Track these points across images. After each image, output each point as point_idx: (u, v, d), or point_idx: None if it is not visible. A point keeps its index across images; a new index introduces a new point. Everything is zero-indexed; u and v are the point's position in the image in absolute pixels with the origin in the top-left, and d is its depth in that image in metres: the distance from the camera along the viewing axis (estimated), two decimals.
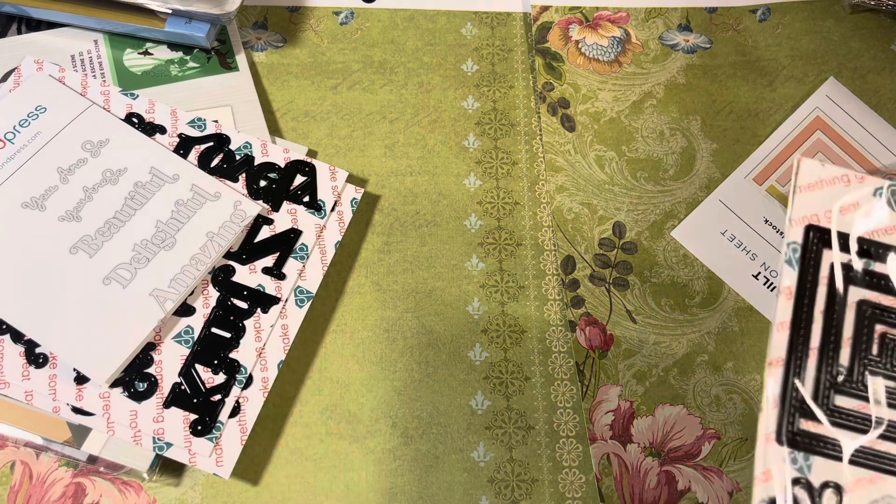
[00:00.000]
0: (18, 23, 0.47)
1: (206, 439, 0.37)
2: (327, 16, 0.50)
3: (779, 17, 0.51)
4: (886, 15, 0.51)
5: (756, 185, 0.46)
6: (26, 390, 0.37)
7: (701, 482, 0.40)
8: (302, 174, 0.43)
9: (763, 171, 0.47)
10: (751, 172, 0.47)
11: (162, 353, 0.38)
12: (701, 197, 0.46)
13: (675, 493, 0.40)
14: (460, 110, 0.48)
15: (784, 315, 0.32)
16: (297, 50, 0.49)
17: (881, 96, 0.49)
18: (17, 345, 0.37)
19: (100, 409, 0.37)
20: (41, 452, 0.39)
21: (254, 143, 0.43)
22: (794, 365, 0.32)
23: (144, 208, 0.40)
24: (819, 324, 0.32)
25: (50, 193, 0.40)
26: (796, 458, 0.31)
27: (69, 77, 0.43)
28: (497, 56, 0.50)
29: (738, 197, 0.46)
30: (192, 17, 0.45)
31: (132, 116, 0.42)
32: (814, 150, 0.47)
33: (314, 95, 0.48)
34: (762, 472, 0.30)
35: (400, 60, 0.49)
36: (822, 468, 0.31)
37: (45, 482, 0.39)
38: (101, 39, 0.46)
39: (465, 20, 0.50)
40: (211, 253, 0.40)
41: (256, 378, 0.39)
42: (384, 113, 0.48)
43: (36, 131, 0.41)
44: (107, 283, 0.38)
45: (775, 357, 0.31)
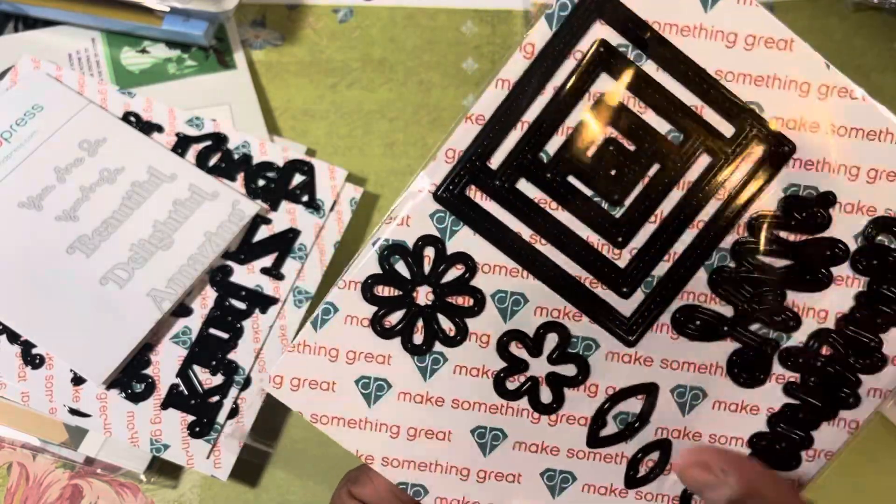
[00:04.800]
0: (15, 21, 0.46)
1: (204, 441, 0.37)
2: (326, 14, 0.49)
3: (781, 16, 0.50)
4: (890, 13, 0.51)
5: None
6: (23, 391, 0.37)
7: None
8: (301, 173, 0.43)
9: None
10: None
11: (159, 354, 0.38)
12: None
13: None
14: (460, 109, 0.48)
15: (511, 73, 0.28)
16: (295, 48, 0.48)
17: (884, 95, 0.48)
18: (14, 345, 0.37)
19: (97, 411, 0.37)
20: (38, 454, 0.39)
21: (252, 142, 0.43)
22: (497, 127, 0.28)
23: (142, 208, 0.40)
24: (546, 97, 0.28)
25: (47, 193, 0.39)
26: (443, 219, 0.28)
27: (66, 76, 0.43)
28: (497, 54, 0.49)
29: None
30: (190, 15, 0.44)
31: (130, 115, 0.42)
32: None
33: (313, 94, 0.47)
34: (399, 216, 0.28)
35: (399, 59, 0.49)
36: (462, 240, 0.29)
37: (41, 484, 0.39)
38: (98, 38, 0.46)
39: (465, 18, 0.50)
40: (209, 253, 0.39)
41: (255, 379, 0.39)
42: (384, 112, 0.47)
43: (33, 130, 0.40)
44: (104, 283, 0.38)
45: (480, 113, 0.28)
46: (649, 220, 0.29)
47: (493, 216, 0.29)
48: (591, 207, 0.29)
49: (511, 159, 0.28)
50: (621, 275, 0.29)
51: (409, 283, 0.29)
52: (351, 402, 0.29)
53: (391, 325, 0.29)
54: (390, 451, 0.30)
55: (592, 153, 0.28)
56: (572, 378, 0.29)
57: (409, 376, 0.29)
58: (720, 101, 0.28)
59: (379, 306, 0.29)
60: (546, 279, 0.29)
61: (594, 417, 0.30)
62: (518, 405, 0.30)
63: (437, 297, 0.29)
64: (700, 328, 0.29)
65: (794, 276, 0.29)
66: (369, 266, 0.29)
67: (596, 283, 0.29)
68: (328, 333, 0.29)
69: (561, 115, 0.28)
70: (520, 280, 0.29)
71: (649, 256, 0.29)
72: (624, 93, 0.28)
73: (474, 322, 0.29)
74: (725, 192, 0.28)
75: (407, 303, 0.29)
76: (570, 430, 0.30)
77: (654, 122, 0.28)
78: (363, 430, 0.30)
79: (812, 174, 0.28)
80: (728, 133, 0.28)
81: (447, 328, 0.29)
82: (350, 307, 0.29)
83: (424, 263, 0.29)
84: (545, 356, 0.29)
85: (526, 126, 0.28)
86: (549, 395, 0.29)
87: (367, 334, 0.29)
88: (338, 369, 0.29)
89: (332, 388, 0.29)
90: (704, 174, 0.28)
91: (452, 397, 0.29)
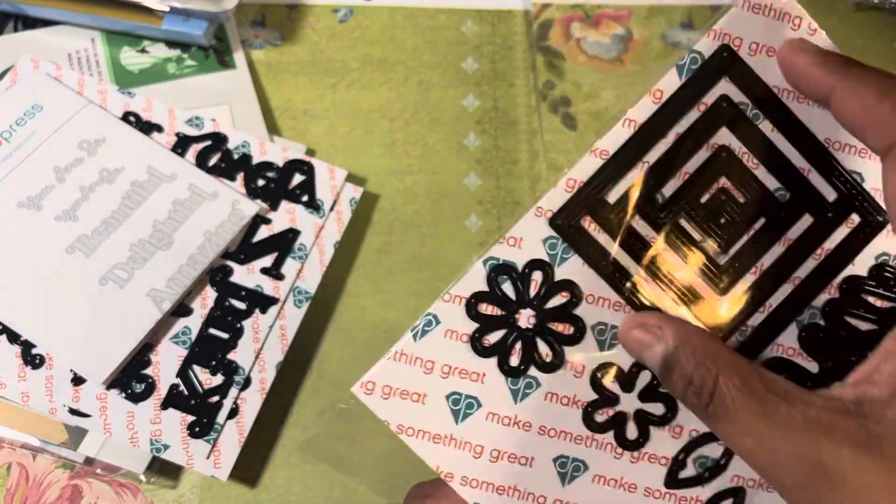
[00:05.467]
0: (14, 21, 0.46)
1: (204, 441, 0.37)
2: (326, 13, 0.49)
3: None
4: (890, 13, 0.51)
5: None
6: (23, 391, 0.37)
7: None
8: (300, 173, 0.43)
9: None
10: None
11: (159, 354, 0.38)
12: None
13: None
14: (460, 109, 0.48)
15: (640, 115, 0.29)
16: (295, 48, 0.48)
17: None
18: (14, 345, 0.37)
19: (97, 411, 0.37)
20: (38, 454, 0.39)
21: (252, 142, 0.43)
22: (617, 164, 0.29)
23: (141, 208, 0.40)
24: (667, 142, 0.29)
25: (46, 193, 0.39)
26: (555, 246, 0.29)
27: (66, 75, 0.43)
28: (498, 54, 0.49)
29: None
30: (190, 15, 0.44)
31: (129, 115, 0.42)
32: None
33: (313, 94, 0.47)
34: (512, 237, 0.29)
35: (399, 58, 0.49)
36: (570, 268, 0.29)
37: (41, 484, 0.39)
38: (98, 37, 0.46)
39: (465, 18, 0.50)
40: (208, 253, 0.39)
41: (255, 379, 0.39)
42: (383, 111, 0.47)
43: (32, 130, 0.40)
44: (104, 283, 0.38)
45: (604, 148, 0.29)
46: (750, 271, 0.30)
47: (605, 248, 0.29)
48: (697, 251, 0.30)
49: (628, 196, 0.29)
50: (719, 321, 0.30)
51: (514, 304, 0.29)
52: (439, 417, 0.29)
53: (490, 344, 0.29)
54: (471, 470, 0.29)
55: (705, 200, 0.30)
56: (660, 417, 0.30)
57: (500, 397, 0.29)
58: (826, 168, 0.30)
59: (481, 324, 0.29)
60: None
61: (675, 458, 0.30)
62: (603, 438, 0.30)
63: (538, 321, 0.29)
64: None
65: (877, 340, 0.30)
66: (476, 283, 0.29)
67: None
68: (427, 345, 0.29)
69: (680, 160, 0.29)
70: (622, 314, 0.29)
71: (747, 305, 0.30)
72: (740, 147, 0.30)
73: (572, 351, 0.29)
74: (823, 252, 0.30)
75: (509, 324, 0.29)
76: (650, 468, 0.30)
77: (764, 178, 0.30)
78: (447, 446, 0.29)
79: None
80: (830, 197, 0.30)
81: (544, 353, 0.29)
82: (452, 321, 0.29)
83: (531, 287, 0.29)
84: (636, 392, 0.30)
85: (646, 167, 0.29)
86: (634, 431, 0.30)
87: (465, 350, 0.29)
88: (431, 382, 0.29)
89: (423, 401, 0.29)
90: (805, 233, 0.30)
91: (540, 423, 0.30)
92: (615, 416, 0.30)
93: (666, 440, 0.30)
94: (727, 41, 0.29)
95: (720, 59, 0.29)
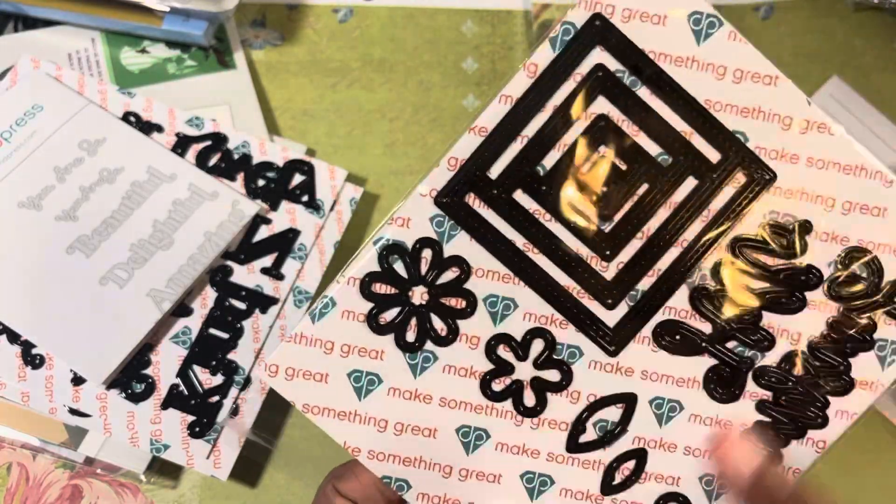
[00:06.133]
0: (15, 21, 0.46)
1: (204, 441, 0.37)
2: (326, 13, 0.49)
3: (781, 16, 0.51)
4: (890, 13, 0.51)
5: None
6: (23, 391, 0.37)
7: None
8: (300, 173, 0.43)
9: None
10: None
11: (159, 354, 0.38)
12: None
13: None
14: (460, 109, 0.48)
15: (514, 90, 0.29)
16: (295, 48, 0.48)
17: (884, 95, 0.48)
18: (14, 346, 0.37)
19: (97, 411, 0.37)
20: (38, 454, 0.39)
21: (252, 142, 0.43)
22: (498, 139, 0.29)
23: (142, 208, 0.40)
24: (545, 114, 0.29)
25: (46, 193, 0.39)
26: (442, 224, 0.30)
27: (66, 76, 0.43)
28: (497, 54, 0.49)
29: None
30: (190, 15, 0.44)
31: (129, 115, 0.42)
32: None
33: (313, 94, 0.47)
34: (400, 217, 0.29)
35: (399, 59, 0.49)
36: (458, 244, 0.30)
37: (41, 484, 0.39)
38: (98, 37, 0.46)
39: (465, 18, 0.50)
40: (209, 253, 0.39)
41: (255, 379, 0.39)
42: (383, 111, 0.47)
43: (32, 130, 0.40)
44: (104, 283, 0.38)
45: (483, 125, 0.29)
46: (636, 237, 0.30)
47: (490, 223, 0.30)
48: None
49: (509, 171, 0.30)
50: (607, 287, 0.30)
51: (406, 283, 0.30)
52: (342, 395, 0.30)
53: (386, 322, 0.30)
54: (377, 444, 0.30)
55: (586, 170, 0.30)
56: (556, 383, 0.30)
57: (400, 372, 0.30)
58: (708, 129, 0.30)
59: (375, 303, 0.30)
60: (536, 287, 0.30)
61: (574, 423, 0.31)
62: (502, 407, 0.31)
63: (431, 297, 0.30)
64: (679, 343, 0.30)
65: (771, 298, 0.30)
66: (369, 264, 0.30)
67: (583, 293, 0.30)
68: (325, 326, 0.30)
69: (558, 132, 0.30)
70: (511, 286, 0.30)
71: (635, 271, 0.30)
72: (618, 115, 0.30)
73: (465, 324, 0.30)
74: (709, 214, 0.30)
75: (402, 301, 0.30)
76: (551, 434, 0.31)
77: (645, 144, 0.30)
78: (352, 422, 0.30)
79: (791, 202, 0.30)
80: (714, 159, 0.30)
81: (439, 328, 0.30)
82: (348, 302, 0.30)
83: (422, 264, 0.30)
84: (531, 361, 0.30)
85: (525, 140, 0.30)
86: (532, 398, 0.30)
87: (363, 329, 0.30)
88: (332, 362, 0.30)
89: (325, 380, 0.30)
90: (690, 196, 0.30)
91: (440, 396, 0.30)
92: (512, 385, 0.30)
93: (564, 406, 0.31)
94: (599, 9, 0.29)
95: (592, 28, 0.29)
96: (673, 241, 0.30)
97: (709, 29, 0.30)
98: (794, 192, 0.30)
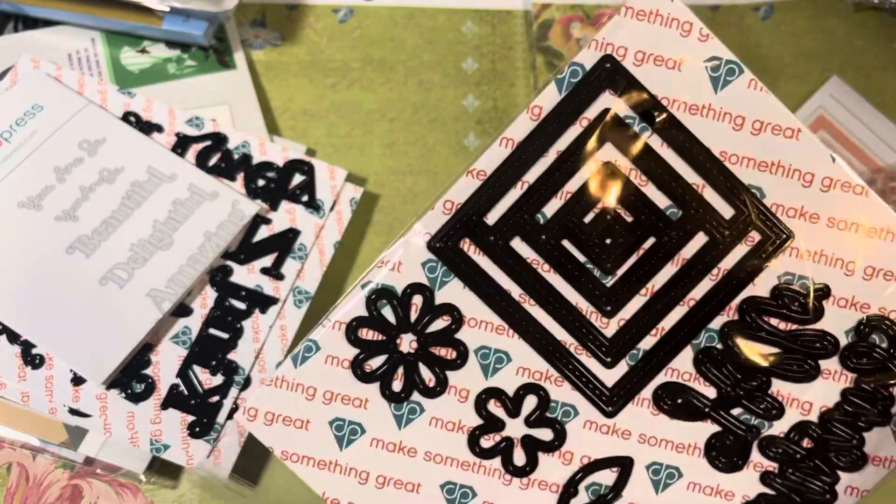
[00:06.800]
0: (15, 21, 0.46)
1: (204, 441, 0.37)
2: (326, 13, 0.49)
3: (781, 16, 0.51)
4: (890, 13, 0.51)
5: None
6: (23, 391, 0.37)
7: None
8: (300, 173, 0.43)
9: None
10: None
11: (159, 355, 0.38)
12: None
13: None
14: (460, 109, 0.48)
15: (518, 133, 0.28)
16: (295, 48, 0.48)
17: (885, 95, 0.48)
18: (14, 345, 0.37)
19: (97, 411, 0.37)
20: (38, 454, 0.39)
21: (252, 142, 0.43)
22: (497, 184, 0.28)
23: (141, 208, 0.40)
24: (548, 160, 0.28)
25: (46, 193, 0.39)
26: (435, 269, 0.28)
27: (66, 75, 0.43)
28: (498, 54, 0.49)
29: None
30: (190, 15, 0.44)
31: (129, 115, 0.42)
32: None
33: (313, 94, 0.47)
34: (390, 261, 0.28)
35: (399, 59, 0.49)
36: (451, 291, 0.28)
37: (41, 484, 0.39)
38: (98, 37, 0.46)
39: (465, 18, 0.50)
40: (208, 253, 0.39)
41: (255, 379, 0.39)
42: (383, 111, 0.47)
43: (32, 130, 0.40)
44: (104, 283, 0.38)
45: (481, 169, 0.28)
46: (640, 293, 0.28)
47: (485, 271, 0.28)
48: (582, 273, 0.28)
49: (508, 217, 0.28)
50: (607, 344, 0.28)
51: (394, 330, 0.29)
52: (323, 443, 0.29)
53: (371, 370, 0.29)
54: (357, 496, 0.29)
55: (589, 220, 0.28)
56: (548, 443, 0.29)
57: (384, 423, 0.29)
58: (722, 182, 0.28)
59: (361, 349, 0.29)
60: (531, 340, 0.28)
61: (566, 485, 0.29)
62: (490, 465, 0.29)
63: (420, 346, 0.29)
64: (681, 407, 0.29)
65: (781, 365, 0.28)
66: (356, 308, 0.28)
67: (581, 349, 0.28)
68: (308, 371, 0.29)
69: (562, 179, 0.28)
70: (505, 338, 0.28)
71: (637, 329, 0.28)
72: (626, 164, 0.28)
73: (455, 375, 0.29)
74: (719, 272, 0.28)
75: (390, 349, 0.29)
76: (541, 495, 0.29)
77: (653, 195, 0.28)
78: (332, 472, 0.29)
79: (808, 265, 0.28)
80: (727, 214, 0.28)
81: (427, 378, 0.29)
82: (332, 347, 0.29)
83: (411, 311, 0.28)
84: (523, 418, 0.29)
85: (526, 186, 0.28)
86: (522, 457, 0.29)
87: (347, 376, 0.29)
88: (313, 408, 0.29)
89: (306, 427, 0.29)
90: (700, 253, 0.28)
91: (426, 449, 0.29)
92: (502, 442, 0.29)
93: (556, 467, 0.29)
94: (610, 51, 0.27)
95: (602, 70, 0.27)
96: (679, 299, 0.28)
97: (728, 76, 0.27)
98: (813, 254, 0.28)
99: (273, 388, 0.29)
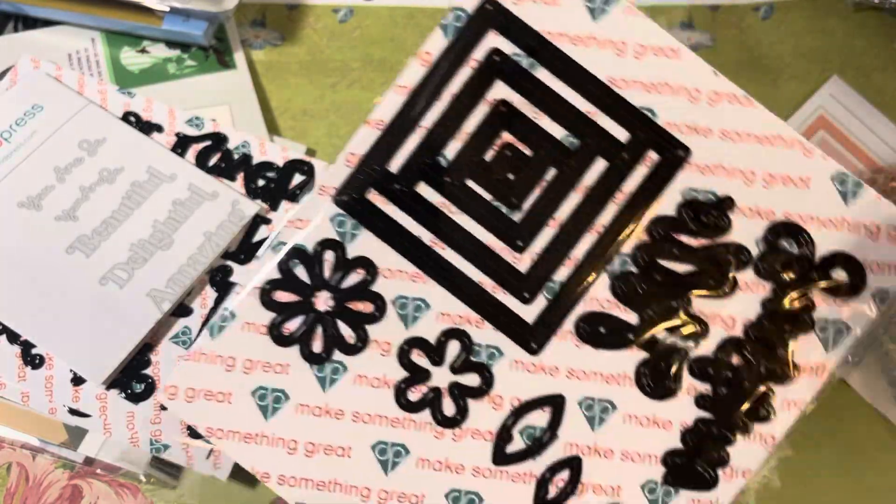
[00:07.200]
0: (15, 21, 0.46)
1: (204, 441, 0.37)
2: (326, 13, 0.49)
3: (782, 16, 0.51)
4: (890, 13, 0.51)
5: None
6: (23, 391, 0.37)
7: None
8: (300, 173, 0.43)
9: None
10: None
11: (159, 355, 0.38)
12: None
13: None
14: None
15: (410, 80, 0.28)
16: (295, 48, 0.48)
17: (885, 95, 0.48)
18: (14, 346, 0.37)
19: (97, 411, 0.37)
20: (37, 454, 0.39)
21: (252, 142, 0.43)
22: (396, 132, 0.28)
23: (141, 208, 0.40)
24: (442, 103, 0.28)
25: (46, 193, 0.39)
26: (344, 223, 0.28)
27: (66, 75, 0.43)
28: None
29: None
30: (190, 15, 0.44)
31: (129, 115, 0.42)
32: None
33: (313, 94, 0.47)
34: (298, 218, 0.27)
35: (399, 59, 0.49)
36: (363, 244, 0.28)
37: (41, 484, 0.39)
38: (98, 37, 0.46)
39: None
40: (208, 253, 0.39)
41: None
42: None
43: (32, 130, 0.40)
44: (103, 283, 0.38)
45: (379, 118, 0.28)
46: (548, 224, 0.28)
47: (394, 220, 0.28)
48: (489, 211, 0.28)
49: (410, 164, 0.28)
50: (522, 279, 0.28)
51: (309, 289, 0.28)
52: (247, 415, 0.28)
53: (290, 333, 0.28)
54: (287, 468, 0.28)
55: (490, 158, 0.28)
56: (476, 388, 0.28)
57: (307, 387, 0.28)
58: (613, 108, 0.28)
59: (277, 312, 0.28)
60: (447, 284, 0.28)
61: (499, 432, 0.28)
62: (420, 418, 0.28)
63: (337, 302, 0.28)
64: (605, 336, 0.28)
65: (698, 282, 0.28)
66: (269, 271, 0.28)
67: (497, 288, 0.28)
68: (225, 341, 0.28)
69: (458, 120, 0.28)
70: (421, 285, 0.28)
71: (549, 261, 0.28)
72: (519, 99, 0.28)
73: (375, 329, 0.28)
74: (623, 196, 0.28)
75: (306, 309, 0.28)
76: (476, 445, 0.28)
77: (549, 127, 0.28)
78: (259, 444, 0.28)
79: (709, 178, 0.28)
80: (623, 138, 0.28)
81: (347, 335, 0.28)
82: (248, 314, 0.28)
83: (325, 268, 0.28)
84: (448, 365, 0.28)
85: (424, 131, 0.28)
86: (452, 407, 0.28)
87: (265, 342, 0.28)
88: (234, 379, 0.28)
89: (228, 400, 0.28)
90: (601, 178, 0.28)
91: (353, 410, 0.28)
92: (429, 393, 0.28)
93: (487, 412, 0.28)
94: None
95: (485, 12, 0.28)
96: (587, 226, 0.28)
97: (604, 4, 0.28)
98: (712, 167, 0.28)
99: (191, 363, 0.28)
